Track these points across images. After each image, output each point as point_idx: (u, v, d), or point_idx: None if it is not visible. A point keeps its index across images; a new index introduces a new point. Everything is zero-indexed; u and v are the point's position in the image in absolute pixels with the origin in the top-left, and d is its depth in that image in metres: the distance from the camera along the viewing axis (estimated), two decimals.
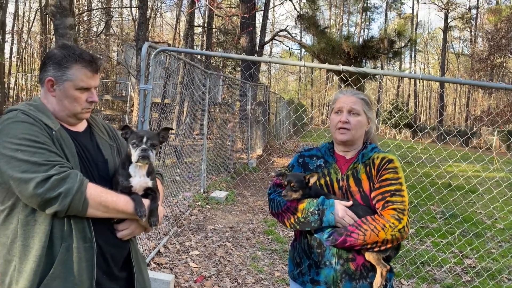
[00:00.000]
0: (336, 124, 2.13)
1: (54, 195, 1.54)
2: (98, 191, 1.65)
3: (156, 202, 1.83)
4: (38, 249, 1.60)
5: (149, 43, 4.05)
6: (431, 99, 50.69)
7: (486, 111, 31.03)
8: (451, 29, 44.55)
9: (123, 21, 30.55)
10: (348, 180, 2.07)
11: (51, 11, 6.38)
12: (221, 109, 15.02)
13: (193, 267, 4.75)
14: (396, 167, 2.03)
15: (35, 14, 27.11)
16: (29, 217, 1.62)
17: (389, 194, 1.95)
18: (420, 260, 5.29)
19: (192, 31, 17.10)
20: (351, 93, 2.16)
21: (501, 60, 30.71)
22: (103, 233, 1.74)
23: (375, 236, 1.87)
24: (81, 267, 1.64)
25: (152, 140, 1.80)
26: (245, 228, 6.40)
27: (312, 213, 1.96)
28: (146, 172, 1.83)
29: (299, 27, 28.68)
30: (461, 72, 42.94)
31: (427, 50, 51.15)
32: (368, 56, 13.35)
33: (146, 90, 4.00)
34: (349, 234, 1.90)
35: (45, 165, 1.56)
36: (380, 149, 2.19)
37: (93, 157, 1.83)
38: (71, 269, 1.62)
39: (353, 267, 1.97)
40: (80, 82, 1.75)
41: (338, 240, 1.91)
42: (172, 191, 7.13)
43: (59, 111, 1.77)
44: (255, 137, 14.14)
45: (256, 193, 8.78)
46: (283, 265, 5.08)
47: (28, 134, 1.60)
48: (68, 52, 1.75)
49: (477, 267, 5.31)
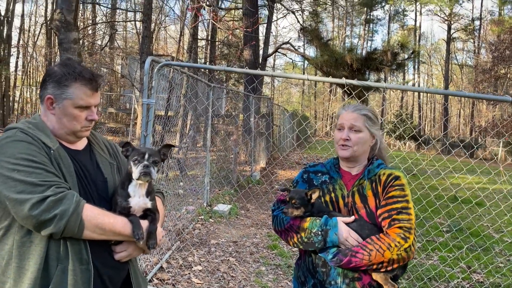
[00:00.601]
0: (338, 141, 2.11)
1: (50, 217, 1.51)
2: (95, 213, 1.62)
3: (155, 224, 1.80)
4: (34, 271, 1.56)
5: (152, 58, 4.04)
6: (435, 111, 50.60)
7: (491, 122, 30.90)
8: (454, 40, 44.63)
9: (127, 35, 30.82)
10: (353, 196, 2.03)
11: (56, 26, 6.43)
12: (224, 122, 15.02)
13: (196, 283, 4.67)
14: (403, 184, 1.99)
15: (41, 28, 27.42)
16: (24, 238, 1.59)
17: (395, 212, 1.92)
18: (427, 276, 5.19)
19: (195, 44, 17.21)
20: (353, 109, 2.13)
21: (505, 71, 30.66)
22: (100, 254, 1.70)
23: (380, 256, 1.83)
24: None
25: (154, 157, 1.78)
26: (249, 243, 6.33)
27: (316, 234, 1.93)
28: (145, 192, 1.80)
29: (302, 40, 28.84)
30: (465, 83, 42.92)
31: (431, 61, 51.24)
32: (371, 68, 13.35)
33: (149, 105, 3.99)
34: (354, 255, 1.86)
35: (41, 186, 1.53)
36: (387, 165, 2.15)
37: (92, 176, 1.80)
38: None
39: (359, 286, 1.93)
40: (79, 100, 1.73)
41: (343, 261, 1.87)
42: (175, 204, 7.07)
43: (58, 129, 1.75)
44: (259, 149, 14.11)
45: (259, 207, 8.71)
46: (287, 280, 4.99)
47: (25, 154, 1.57)
48: (68, 70, 1.73)
49: (486, 283, 5.20)
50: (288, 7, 19.95)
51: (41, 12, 28.12)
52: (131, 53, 24.01)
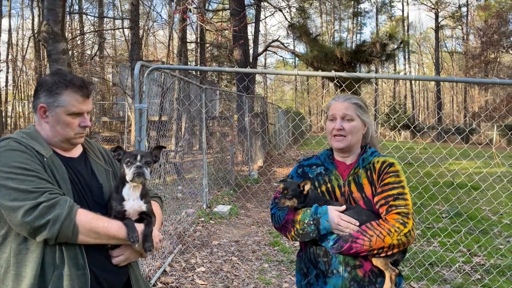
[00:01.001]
0: (331, 131, 2.12)
1: (43, 223, 1.53)
2: (88, 217, 1.64)
3: (151, 227, 1.80)
4: (30, 278, 1.58)
5: (141, 62, 4.06)
6: (428, 98, 50.81)
7: (484, 107, 31.08)
8: (442, 28, 44.81)
9: (116, 43, 30.78)
10: (349, 185, 2.06)
11: (44, 38, 6.43)
12: (219, 123, 15.04)
13: (200, 284, 4.70)
14: (397, 171, 2.02)
15: (28, 41, 27.34)
16: (21, 245, 1.61)
17: (392, 198, 1.94)
18: (428, 261, 5.24)
19: (185, 48, 17.21)
20: (344, 99, 2.15)
21: (494, 55, 30.86)
22: (97, 259, 1.71)
23: (380, 242, 1.85)
24: None
25: (146, 157, 1.80)
26: (250, 241, 6.36)
27: (308, 224, 1.95)
28: (139, 195, 1.81)
29: (291, 37, 28.89)
30: (455, 70, 43.11)
31: (421, 50, 51.41)
32: (361, 61, 13.42)
33: (142, 109, 4.01)
34: (355, 241, 1.88)
35: (34, 193, 1.55)
36: (380, 152, 2.18)
37: (87, 182, 1.81)
38: None
39: (361, 273, 1.94)
40: (71, 107, 1.75)
41: (343, 247, 1.89)
42: (174, 208, 7.09)
43: (52, 137, 1.77)
44: (255, 148, 14.13)
45: (259, 205, 8.74)
46: (290, 276, 5.03)
47: (18, 162, 1.60)
48: (58, 78, 1.76)
49: (486, 265, 5.26)
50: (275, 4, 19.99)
51: (28, 25, 28.06)
52: (121, 60, 23.95)
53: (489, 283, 4.67)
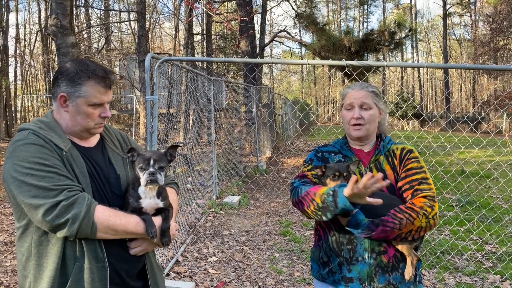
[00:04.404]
0: (349, 121, 2.09)
1: (62, 221, 1.55)
2: (106, 215, 1.64)
3: (168, 222, 1.81)
4: (52, 270, 1.61)
5: (151, 55, 4.07)
6: (437, 87, 50.33)
7: (494, 95, 30.70)
8: (450, 16, 44.19)
9: (122, 36, 30.79)
10: (372, 172, 2.01)
11: (52, 31, 6.45)
12: (226, 115, 15.04)
13: (213, 273, 4.74)
14: (417, 157, 2.05)
15: (36, 36, 27.44)
16: (42, 237, 1.64)
17: (416, 183, 1.96)
18: (440, 250, 5.24)
19: (191, 40, 17.18)
20: (360, 87, 2.12)
21: (504, 42, 30.39)
22: (115, 252, 1.73)
23: (410, 224, 1.86)
24: (94, 287, 1.64)
25: (159, 162, 1.75)
26: (261, 231, 6.39)
27: (328, 194, 1.83)
28: (156, 193, 1.79)
29: (298, 27, 28.67)
30: (464, 58, 42.58)
31: (428, 38, 50.82)
32: (369, 50, 13.26)
33: (152, 101, 4.02)
34: (385, 224, 1.86)
35: (54, 190, 1.56)
36: (394, 141, 2.18)
37: (105, 173, 1.81)
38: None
39: (385, 259, 1.96)
40: (93, 98, 1.73)
41: (374, 231, 1.86)
42: (185, 199, 7.14)
43: (72, 126, 1.77)
44: (263, 139, 14.14)
45: (269, 195, 8.77)
46: (302, 265, 5.06)
47: (38, 158, 1.60)
48: (81, 67, 1.72)
49: (499, 252, 5.24)
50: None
51: (35, 20, 28.15)
52: (128, 53, 23.99)
53: (502, 270, 4.66)
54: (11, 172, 1.59)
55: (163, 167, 1.76)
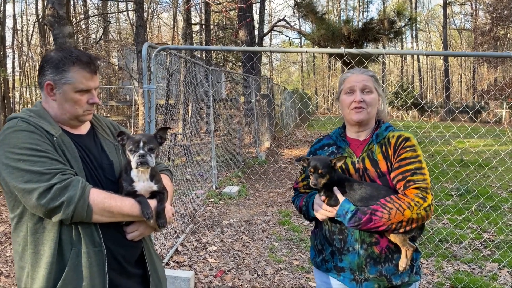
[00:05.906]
0: (349, 105, 2.06)
1: (57, 204, 1.54)
2: (101, 197, 1.63)
3: (163, 203, 1.80)
4: (49, 256, 1.61)
5: (149, 43, 4.03)
6: (436, 77, 50.17)
7: (493, 85, 30.61)
8: (451, 5, 43.85)
9: (120, 26, 30.57)
10: (364, 162, 2.02)
11: (49, 21, 6.40)
12: (225, 105, 15.00)
13: (212, 262, 4.76)
14: (414, 145, 1.96)
15: (33, 27, 27.24)
16: (37, 224, 1.63)
17: (409, 173, 1.90)
18: (438, 238, 5.26)
19: (190, 29, 17.07)
20: (360, 72, 2.10)
21: (504, 31, 30.21)
22: (112, 236, 1.73)
23: (400, 215, 1.81)
24: (92, 272, 1.64)
25: (149, 144, 1.74)
26: (260, 221, 6.41)
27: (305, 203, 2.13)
28: (149, 176, 1.79)
29: (297, 16, 28.50)
30: (464, 47, 42.38)
31: (428, 28, 50.50)
32: (369, 39, 13.20)
33: (150, 91, 4.00)
34: (374, 213, 1.84)
35: (47, 174, 1.55)
36: (394, 127, 2.12)
37: (98, 160, 1.81)
38: (82, 274, 1.62)
39: (377, 250, 1.92)
40: (79, 84, 1.72)
41: (362, 219, 1.84)
42: (185, 189, 7.15)
43: (61, 115, 1.76)
44: (262, 129, 14.12)
45: (268, 185, 8.78)
46: (301, 253, 5.08)
47: (29, 143, 1.59)
48: (65, 54, 1.72)
49: (496, 240, 5.27)
50: None
51: (32, 10, 27.93)
52: (126, 44, 23.82)
53: (500, 258, 4.69)
54: (2, 159, 1.57)
55: (153, 148, 1.75)
